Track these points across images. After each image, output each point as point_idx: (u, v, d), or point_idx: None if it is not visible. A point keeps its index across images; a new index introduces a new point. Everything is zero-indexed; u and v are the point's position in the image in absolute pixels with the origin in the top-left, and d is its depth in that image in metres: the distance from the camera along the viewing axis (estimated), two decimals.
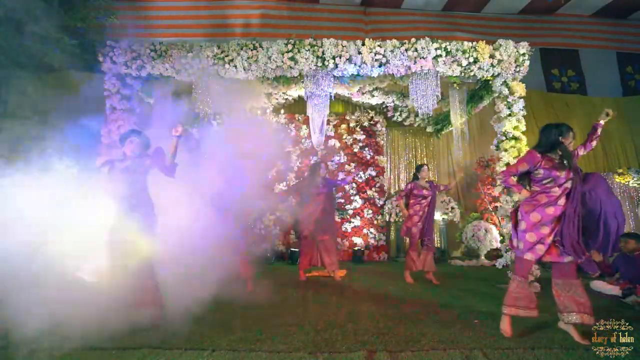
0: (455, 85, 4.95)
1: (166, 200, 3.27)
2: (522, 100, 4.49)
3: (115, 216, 2.87)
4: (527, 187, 2.68)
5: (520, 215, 2.65)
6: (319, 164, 4.87)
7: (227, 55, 4.41)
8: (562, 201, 2.49)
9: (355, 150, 7.11)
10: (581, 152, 2.72)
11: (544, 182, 2.55)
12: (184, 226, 3.66)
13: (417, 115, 7.19)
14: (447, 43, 4.40)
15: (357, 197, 6.92)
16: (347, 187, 6.93)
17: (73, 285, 3.45)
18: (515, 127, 4.43)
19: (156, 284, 2.92)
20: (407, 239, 4.74)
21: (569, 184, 2.50)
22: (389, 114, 7.29)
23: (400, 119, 7.28)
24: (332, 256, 4.69)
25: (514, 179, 2.76)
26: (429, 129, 7.36)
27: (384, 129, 7.30)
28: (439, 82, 4.52)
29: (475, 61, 4.39)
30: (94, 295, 3.04)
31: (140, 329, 2.65)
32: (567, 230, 2.41)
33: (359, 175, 7.01)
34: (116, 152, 3.24)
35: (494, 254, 6.36)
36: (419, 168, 4.72)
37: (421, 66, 4.40)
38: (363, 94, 6.59)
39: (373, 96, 6.58)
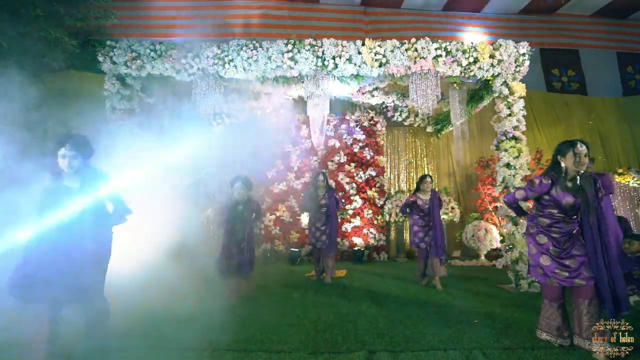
0: (455, 85, 4.94)
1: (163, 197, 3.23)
2: (522, 100, 4.49)
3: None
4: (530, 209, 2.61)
5: (528, 239, 2.54)
6: (317, 174, 4.91)
7: (227, 55, 4.41)
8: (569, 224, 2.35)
9: (355, 150, 7.11)
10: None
11: (548, 207, 2.40)
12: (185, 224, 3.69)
13: (417, 115, 7.20)
14: (447, 43, 4.40)
15: (357, 197, 6.93)
16: (347, 187, 6.95)
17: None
18: (515, 127, 4.43)
19: (107, 309, 2.46)
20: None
21: (573, 212, 2.32)
22: (389, 114, 7.29)
23: (400, 119, 7.28)
24: (329, 262, 4.76)
25: (519, 203, 2.64)
26: (429, 129, 7.36)
27: (384, 129, 7.30)
28: (439, 82, 4.52)
29: (475, 61, 4.39)
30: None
31: (141, 329, 2.66)
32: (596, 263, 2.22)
33: (359, 175, 7.01)
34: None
35: (494, 254, 6.37)
36: (421, 179, 4.53)
37: (421, 66, 4.40)
38: (363, 94, 6.59)
39: (373, 96, 6.58)
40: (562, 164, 2.32)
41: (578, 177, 2.31)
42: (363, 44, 4.38)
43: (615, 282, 2.16)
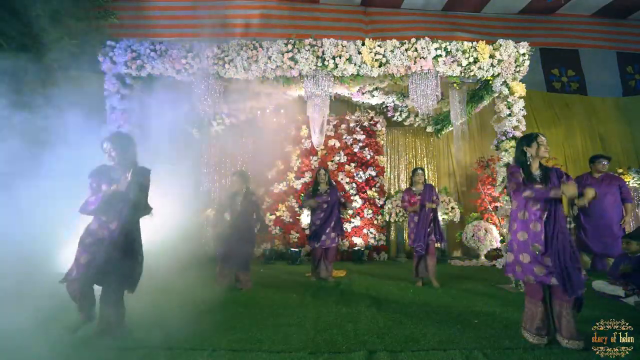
0: (455, 85, 4.94)
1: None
2: (522, 100, 4.48)
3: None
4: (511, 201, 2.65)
5: (510, 234, 2.57)
6: (319, 169, 4.91)
7: (227, 55, 4.40)
8: (546, 216, 2.39)
9: (355, 150, 7.11)
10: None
11: (526, 199, 2.48)
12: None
13: (417, 115, 7.19)
14: (447, 43, 4.40)
15: (357, 197, 6.93)
16: (347, 187, 6.95)
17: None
18: (515, 127, 4.43)
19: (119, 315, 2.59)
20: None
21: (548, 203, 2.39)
22: (389, 114, 7.29)
23: (400, 119, 7.28)
24: (329, 262, 4.77)
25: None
26: (429, 129, 7.36)
27: (384, 129, 7.30)
28: (439, 82, 4.51)
29: (475, 61, 4.39)
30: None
31: (141, 329, 2.66)
32: (557, 254, 2.31)
33: (359, 175, 7.01)
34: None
35: (494, 254, 6.37)
36: (413, 172, 4.69)
37: (421, 66, 4.40)
38: (363, 94, 6.60)
39: (373, 96, 6.58)
40: (528, 153, 2.57)
41: (543, 168, 2.55)
42: (363, 44, 4.38)
43: (567, 266, 2.31)
